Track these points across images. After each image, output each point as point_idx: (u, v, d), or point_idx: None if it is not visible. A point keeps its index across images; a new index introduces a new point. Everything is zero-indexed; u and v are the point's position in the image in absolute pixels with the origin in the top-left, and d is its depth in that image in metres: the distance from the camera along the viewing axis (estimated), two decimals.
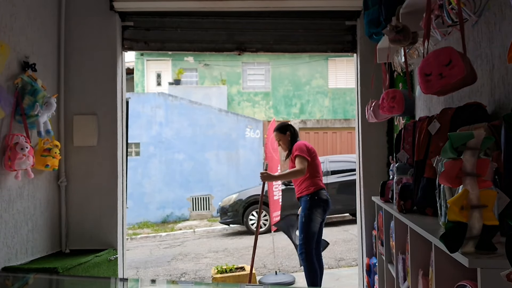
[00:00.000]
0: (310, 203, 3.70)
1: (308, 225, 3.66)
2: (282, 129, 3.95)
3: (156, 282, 4.20)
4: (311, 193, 3.71)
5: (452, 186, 1.23)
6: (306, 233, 3.65)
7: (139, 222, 10.62)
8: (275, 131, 3.98)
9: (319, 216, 3.73)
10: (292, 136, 3.92)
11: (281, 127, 3.98)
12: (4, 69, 2.74)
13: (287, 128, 3.95)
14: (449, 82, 1.55)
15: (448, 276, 1.45)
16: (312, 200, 3.70)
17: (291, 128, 3.96)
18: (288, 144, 3.91)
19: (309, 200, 3.71)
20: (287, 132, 3.92)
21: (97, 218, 3.55)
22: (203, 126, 11.51)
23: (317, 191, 3.73)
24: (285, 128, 3.96)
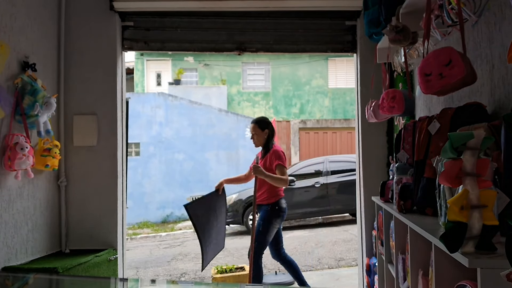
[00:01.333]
0: (270, 213, 3.67)
1: (264, 235, 3.65)
2: (262, 124, 3.79)
3: (156, 282, 4.20)
4: (272, 203, 3.68)
5: (452, 186, 1.23)
6: (260, 242, 3.63)
7: (139, 222, 10.61)
8: (254, 123, 3.80)
9: (277, 225, 3.74)
10: (269, 135, 3.78)
11: (262, 121, 3.82)
12: (4, 69, 2.74)
13: (267, 126, 3.80)
14: (449, 82, 1.55)
15: (448, 276, 1.45)
16: (273, 211, 3.67)
17: (271, 127, 3.82)
18: (262, 142, 3.77)
19: (269, 210, 3.67)
20: (266, 129, 3.77)
21: (97, 218, 3.55)
22: (203, 126, 11.51)
23: (278, 200, 3.71)
24: (265, 124, 3.80)
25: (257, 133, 3.77)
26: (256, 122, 3.80)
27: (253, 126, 3.79)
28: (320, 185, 8.83)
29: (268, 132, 3.77)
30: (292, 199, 8.65)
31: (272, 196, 3.70)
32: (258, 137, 3.77)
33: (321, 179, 8.91)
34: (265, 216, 3.67)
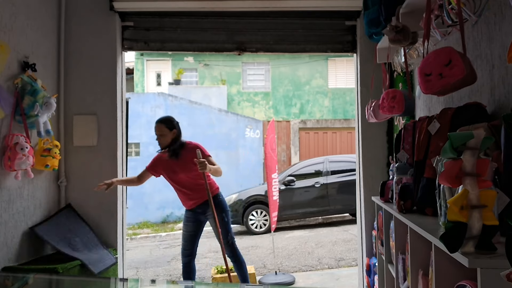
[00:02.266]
0: (223, 201, 3.63)
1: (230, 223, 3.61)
2: (169, 124, 3.48)
3: (156, 282, 4.20)
4: (219, 192, 3.62)
5: (452, 186, 1.23)
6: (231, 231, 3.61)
7: (139, 222, 10.61)
8: (160, 123, 3.46)
9: None
10: (177, 135, 3.50)
11: (169, 121, 3.49)
12: (4, 69, 2.74)
13: (175, 126, 3.51)
14: (449, 82, 1.55)
15: (448, 276, 1.45)
16: (223, 198, 3.64)
17: (178, 127, 3.54)
18: (169, 142, 3.46)
19: (222, 199, 3.61)
20: (174, 129, 3.48)
21: (97, 218, 3.55)
22: (203, 126, 11.50)
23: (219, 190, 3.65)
24: (172, 124, 3.50)
25: (166, 133, 3.44)
26: (162, 122, 3.47)
27: (159, 126, 3.45)
28: (320, 185, 8.83)
29: (176, 132, 3.49)
30: (292, 199, 8.66)
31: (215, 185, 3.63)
32: (165, 138, 3.45)
33: (321, 179, 8.91)
34: (225, 205, 3.60)
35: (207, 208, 3.51)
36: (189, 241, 3.64)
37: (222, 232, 3.49)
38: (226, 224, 3.55)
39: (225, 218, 3.55)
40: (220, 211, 3.53)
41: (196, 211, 3.58)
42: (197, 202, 3.54)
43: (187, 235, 3.64)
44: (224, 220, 3.54)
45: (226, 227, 3.54)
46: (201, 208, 3.55)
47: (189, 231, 3.63)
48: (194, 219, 3.61)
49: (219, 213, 3.51)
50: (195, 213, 3.60)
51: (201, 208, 3.55)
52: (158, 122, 3.48)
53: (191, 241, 3.63)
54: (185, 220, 3.67)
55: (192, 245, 3.64)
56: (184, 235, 3.66)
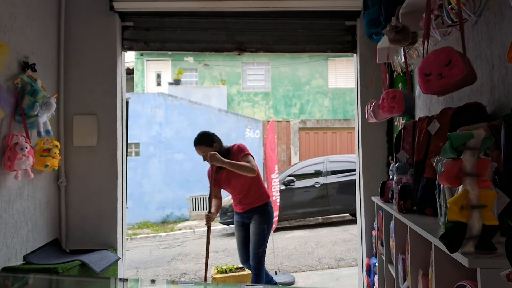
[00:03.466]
0: (271, 212, 3.50)
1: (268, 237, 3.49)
2: (208, 141, 3.36)
3: (156, 282, 4.20)
4: (268, 201, 3.50)
5: (452, 186, 1.23)
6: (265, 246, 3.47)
7: (139, 222, 10.61)
8: (199, 145, 3.36)
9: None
10: (219, 147, 3.40)
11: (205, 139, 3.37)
12: (4, 69, 2.74)
13: (214, 140, 3.39)
14: (449, 82, 1.55)
15: (448, 276, 1.45)
16: (271, 210, 3.52)
17: (217, 139, 3.43)
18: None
19: (269, 209, 3.49)
20: (214, 144, 3.37)
21: (97, 218, 3.55)
22: (203, 126, 11.38)
23: (270, 199, 3.54)
24: (210, 140, 3.37)
25: (207, 151, 3.32)
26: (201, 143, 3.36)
27: (199, 148, 3.37)
28: (320, 185, 8.83)
29: (217, 146, 3.39)
30: (292, 199, 8.66)
31: (265, 194, 3.50)
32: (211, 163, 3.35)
33: (321, 179, 8.91)
34: (267, 217, 3.47)
35: (254, 214, 3.47)
36: (243, 246, 3.58)
37: (256, 241, 3.43)
38: (264, 236, 3.46)
39: (265, 230, 3.46)
40: (263, 222, 3.45)
41: (243, 215, 3.54)
42: (245, 208, 3.49)
43: (239, 240, 3.60)
44: (264, 232, 3.45)
45: (262, 239, 3.45)
46: (247, 213, 3.50)
47: (240, 236, 3.59)
48: (242, 223, 3.56)
49: (262, 223, 3.44)
50: (242, 217, 3.56)
51: (247, 213, 3.50)
52: (197, 145, 3.38)
53: (244, 245, 3.58)
54: (235, 225, 3.64)
55: (246, 249, 3.56)
56: (237, 240, 3.62)
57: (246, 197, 3.47)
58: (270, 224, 3.52)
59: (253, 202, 3.46)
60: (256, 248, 3.45)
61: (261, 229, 3.44)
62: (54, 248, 3.31)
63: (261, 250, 3.46)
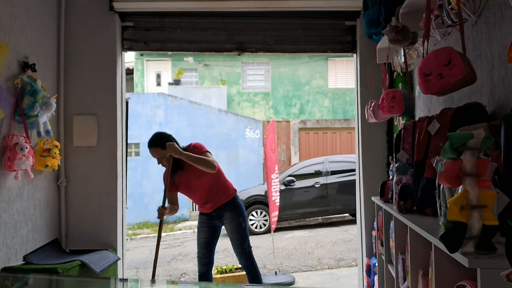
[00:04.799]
0: (241, 204, 3.34)
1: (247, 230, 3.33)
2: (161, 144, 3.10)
3: (156, 282, 4.20)
4: (236, 195, 3.34)
5: (452, 186, 1.23)
6: (248, 239, 3.32)
7: (138, 222, 10.61)
8: (153, 147, 3.11)
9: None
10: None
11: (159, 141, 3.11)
12: (4, 69, 2.74)
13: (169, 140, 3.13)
14: (448, 82, 1.55)
15: (448, 276, 1.45)
16: (241, 202, 3.36)
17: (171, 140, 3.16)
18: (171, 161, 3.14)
19: (239, 202, 3.34)
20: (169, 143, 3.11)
21: (97, 218, 3.55)
22: (203, 126, 11.50)
23: (236, 192, 3.37)
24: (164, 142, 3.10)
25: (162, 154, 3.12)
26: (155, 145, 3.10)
27: (154, 151, 3.11)
28: (320, 185, 8.83)
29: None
30: (292, 199, 8.66)
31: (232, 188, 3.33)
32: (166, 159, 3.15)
33: (321, 179, 8.91)
34: (241, 210, 3.31)
35: (224, 212, 3.28)
36: (205, 248, 3.35)
37: (237, 238, 3.27)
38: (242, 230, 3.28)
39: (242, 224, 3.28)
40: (237, 216, 3.27)
41: (211, 215, 3.32)
42: (213, 206, 3.27)
43: (203, 242, 3.35)
44: (241, 225, 3.27)
45: (242, 233, 3.28)
46: (217, 212, 3.29)
47: (204, 237, 3.35)
48: (208, 224, 3.34)
49: (236, 217, 3.27)
50: (210, 218, 3.33)
51: (217, 212, 3.29)
52: (150, 147, 3.12)
53: (206, 248, 3.35)
54: (199, 225, 3.40)
55: (209, 253, 3.36)
56: (199, 241, 3.37)
57: (212, 195, 3.24)
58: (245, 216, 3.33)
59: (220, 199, 3.26)
60: (240, 245, 3.28)
61: (238, 224, 3.27)
62: (54, 248, 3.31)
63: (246, 245, 3.28)
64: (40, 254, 3.08)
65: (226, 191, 3.28)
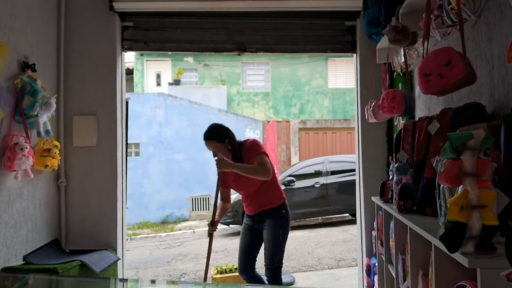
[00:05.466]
0: (286, 216, 3.07)
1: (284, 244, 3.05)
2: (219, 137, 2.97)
3: (156, 282, 4.20)
4: (284, 203, 3.08)
5: (451, 186, 1.23)
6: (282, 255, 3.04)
7: (138, 222, 10.61)
8: (209, 140, 2.97)
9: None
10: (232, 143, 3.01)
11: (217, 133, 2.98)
12: (3, 69, 2.74)
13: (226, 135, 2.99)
14: (448, 82, 1.55)
15: (448, 276, 1.45)
16: (287, 213, 3.08)
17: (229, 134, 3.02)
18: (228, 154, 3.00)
19: (285, 213, 3.06)
20: (226, 139, 2.98)
21: (97, 218, 3.55)
22: (202, 126, 11.35)
23: (285, 201, 3.12)
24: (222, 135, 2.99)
25: (218, 147, 2.98)
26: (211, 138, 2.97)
27: (210, 144, 2.98)
28: (320, 185, 8.83)
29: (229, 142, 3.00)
30: (292, 199, 8.65)
31: (281, 195, 3.09)
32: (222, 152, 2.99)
33: (321, 179, 8.91)
34: (280, 222, 3.03)
35: (266, 218, 3.03)
36: (243, 253, 3.14)
37: (270, 249, 2.99)
38: (278, 244, 2.99)
39: (279, 236, 2.99)
40: (277, 226, 3.00)
41: (253, 218, 3.11)
42: (256, 209, 3.06)
43: (242, 245, 3.16)
44: (278, 238, 2.99)
45: (276, 247, 2.99)
46: (259, 216, 3.07)
47: (244, 241, 3.15)
48: (250, 228, 3.14)
49: (275, 228, 2.99)
50: (252, 220, 3.13)
51: (259, 216, 3.07)
52: (206, 139, 2.98)
53: (244, 253, 3.14)
54: (242, 227, 3.22)
55: (246, 259, 3.13)
56: (240, 244, 3.19)
57: (257, 198, 3.05)
58: (286, 229, 3.05)
59: (265, 203, 3.04)
60: (270, 258, 3.00)
61: (275, 235, 3.00)
62: (54, 248, 3.31)
63: (276, 260, 3.00)
64: (40, 254, 3.08)
65: (273, 198, 3.05)
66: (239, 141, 3.07)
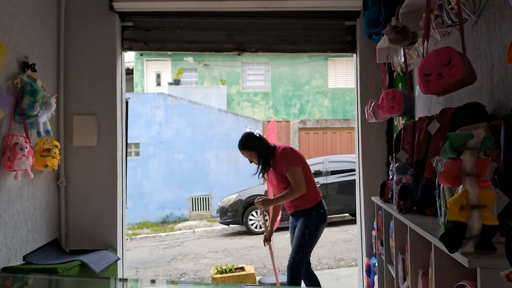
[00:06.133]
0: (317, 218, 3.20)
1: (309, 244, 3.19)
2: (248, 146, 3.29)
3: (155, 282, 4.20)
4: (315, 205, 3.22)
5: (451, 186, 1.23)
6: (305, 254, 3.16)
7: (138, 222, 10.61)
8: (242, 149, 3.32)
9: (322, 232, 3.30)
10: (261, 151, 3.29)
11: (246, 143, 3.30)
12: (3, 69, 2.73)
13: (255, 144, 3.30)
14: (448, 82, 1.55)
15: (448, 276, 1.45)
16: (318, 216, 3.22)
17: (258, 142, 3.31)
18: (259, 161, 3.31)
19: (315, 214, 3.20)
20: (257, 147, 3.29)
21: (96, 218, 3.55)
22: (202, 126, 11.51)
23: (320, 201, 3.28)
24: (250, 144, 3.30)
25: (251, 155, 3.32)
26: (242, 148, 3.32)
27: (243, 152, 3.34)
28: (320, 185, 8.82)
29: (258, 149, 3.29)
30: None
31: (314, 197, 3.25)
32: (255, 160, 3.33)
33: (321, 179, 8.91)
34: (308, 222, 3.17)
35: (299, 217, 3.22)
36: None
37: (295, 246, 3.17)
38: (302, 242, 3.14)
39: (305, 236, 3.14)
40: (306, 226, 3.16)
41: (292, 215, 3.34)
42: (291, 209, 3.28)
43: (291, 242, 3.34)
44: (304, 237, 3.14)
45: (301, 245, 3.14)
46: (293, 215, 3.31)
47: (290, 238, 3.38)
48: (292, 225, 3.37)
49: (304, 227, 3.16)
50: (292, 218, 3.37)
51: (293, 215, 3.31)
52: (240, 149, 3.33)
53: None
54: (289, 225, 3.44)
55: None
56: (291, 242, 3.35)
57: (294, 199, 3.21)
58: (313, 230, 3.17)
59: (299, 205, 3.22)
60: (293, 254, 3.15)
61: (301, 234, 3.15)
62: (54, 248, 3.31)
63: (298, 257, 3.12)
64: (40, 254, 3.08)
65: (305, 199, 3.19)
66: (273, 145, 3.35)
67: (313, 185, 3.32)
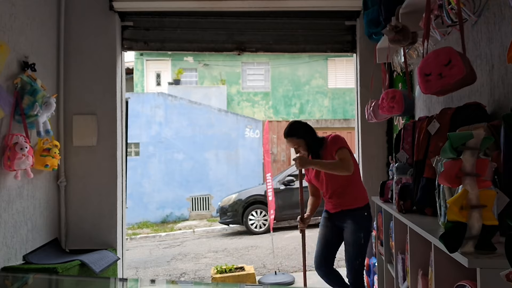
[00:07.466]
0: (369, 218, 2.94)
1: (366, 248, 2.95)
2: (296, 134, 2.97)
3: (155, 282, 4.20)
4: (366, 205, 2.95)
5: (451, 186, 1.23)
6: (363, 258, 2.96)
7: (138, 222, 10.61)
8: (289, 137, 3.00)
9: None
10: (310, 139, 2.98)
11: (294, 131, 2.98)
12: (3, 69, 2.73)
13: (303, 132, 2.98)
14: (448, 82, 1.55)
15: (448, 276, 1.45)
16: (369, 215, 2.95)
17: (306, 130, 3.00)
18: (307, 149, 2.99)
19: (367, 215, 2.93)
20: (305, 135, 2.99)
21: (96, 218, 3.55)
22: (202, 126, 11.51)
23: (368, 202, 2.98)
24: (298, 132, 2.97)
25: (298, 144, 2.98)
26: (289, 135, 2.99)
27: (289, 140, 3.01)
28: None
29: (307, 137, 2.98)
30: (292, 199, 8.65)
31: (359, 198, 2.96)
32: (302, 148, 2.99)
33: None
34: (360, 224, 2.90)
35: (346, 218, 2.93)
36: (325, 248, 3.04)
37: (351, 252, 2.90)
38: (360, 246, 2.89)
39: (361, 239, 2.87)
40: (359, 229, 2.88)
41: (333, 215, 3.03)
42: (337, 208, 2.98)
43: (321, 241, 3.07)
44: (360, 241, 2.87)
45: (359, 250, 2.89)
46: (338, 214, 2.98)
47: (323, 235, 3.07)
48: (329, 224, 3.06)
49: (357, 231, 2.87)
50: (332, 216, 3.05)
51: (338, 214, 2.98)
52: (286, 136, 3.00)
53: (326, 248, 3.04)
54: (321, 221, 3.13)
55: (327, 253, 3.04)
56: (318, 240, 3.10)
57: (339, 196, 2.95)
58: (367, 231, 2.94)
59: (346, 203, 2.93)
60: (352, 260, 2.92)
61: (357, 238, 2.88)
62: (54, 248, 3.31)
63: (357, 262, 2.91)
64: (39, 254, 3.08)
65: (355, 198, 2.93)
66: (321, 137, 3.04)
67: (362, 183, 3.09)
